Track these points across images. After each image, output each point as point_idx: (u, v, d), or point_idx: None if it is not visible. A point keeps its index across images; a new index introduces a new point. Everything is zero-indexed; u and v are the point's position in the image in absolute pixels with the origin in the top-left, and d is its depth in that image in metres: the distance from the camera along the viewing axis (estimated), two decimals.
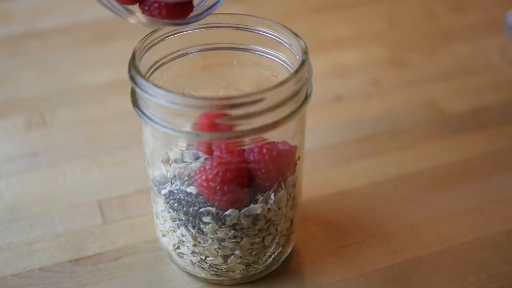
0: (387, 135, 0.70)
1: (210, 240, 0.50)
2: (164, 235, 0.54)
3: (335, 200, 0.62)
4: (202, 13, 0.49)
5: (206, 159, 0.50)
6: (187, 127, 0.46)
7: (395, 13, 0.91)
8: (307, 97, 0.49)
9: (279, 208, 0.51)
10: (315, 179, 0.64)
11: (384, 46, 0.84)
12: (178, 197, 0.50)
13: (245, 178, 0.49)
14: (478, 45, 0.84)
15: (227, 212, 0.49)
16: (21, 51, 0.84)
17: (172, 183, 0.51)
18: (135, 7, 0.47)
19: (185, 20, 0.48)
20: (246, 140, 0.47)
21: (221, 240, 0.50)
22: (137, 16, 0.46)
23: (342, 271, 0.55)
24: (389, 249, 0.57)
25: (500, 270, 0.55)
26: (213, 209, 0.49)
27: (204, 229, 0.50)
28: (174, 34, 0.52)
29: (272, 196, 0.50)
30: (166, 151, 0.51)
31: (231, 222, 0.49)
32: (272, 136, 0.48)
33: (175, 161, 0.51)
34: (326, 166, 0.66)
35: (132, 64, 0.48)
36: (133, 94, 0.49)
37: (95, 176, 0.65)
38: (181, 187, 0.50)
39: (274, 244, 0.53)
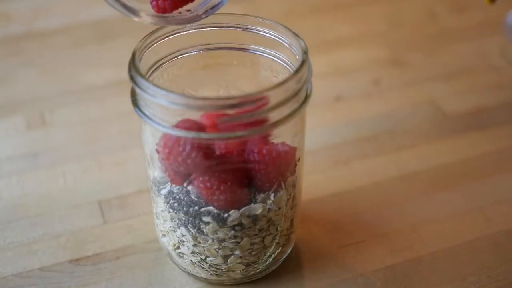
0: (387, 135, 0.70)
1: (210, 240, 0.50)
2: (164, 235, 0.54)
3: (335, 200, 0.62)
4: (205, 12, 0.49)
5: None
6: None
7: (395, 13, 0.91)
8: (307, 97, 0.49)
9: (279, 208, 0.51)
10: (315, 179, 0.64)
11: (384, 46, 0.84)
12: (178, 197, 0.50)
13: (244, 178, 0.49)
14: (478, 45, 0.84)
15: (228, 212, 0.49)
16: (21, 51, 0.84)
17: (172, 183, 0.51)
18: (140, 5, 0.47)
19: (188, 20, 0.48)
20: (246, 140, 0.47)
21: (221, 240, 0.50)
22: (141, 16, 0.47)
23: (342, 271, 0.55)
24: (389, 249, 0.57)
25: (500, 270, 0.55)
26: (214, 209, 0.49)
27: (204, 229, 0.50)
28: (174, 34, 0.52)
29: (272, 197, 0.50)
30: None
31: (231, 222, 0.49)
32: (272, 136, 0.48)
33: None
34: (326, 166, 0.66)
35: (132, 64, 0.48)
36: (133, 94, 0.49)
37: (95, 176, 0.65)
38: (180, 187, 0.50)
39: (274, 244, 0.53)
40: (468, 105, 0.74)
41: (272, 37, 0.52)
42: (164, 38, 0.51)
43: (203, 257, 0.52)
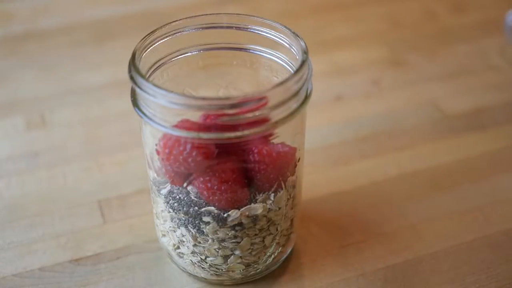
0: (387, 135, 0.70)
1: (210, 240, 0.50)
2: (164, 235, 0.54)
3: (335, 200, 0.62)
4: None
5: None
6: None
7: (395, 13, 0.91)
8: (307, 97, 0.49)
9: (279, 208, 0.51)
10: (315, 179, 0.64)
11: (384, 46, 0.84)
12: (178, 197, 0.50)
13: (244, 178, 0.49)
14: (478, 45, 0.84)
15: (228, 212, 0.49)
16: (21, 51, 0.84)
17: (171, 184, 0.51)
18: None
19: None
20: (246, 140, 0.47)
21: (221, 240, 0.50)
22: None
23: (342, 271, 0.55)
24: (389, 249, 0.57)
25: (500, 270, 0.55)
26: (214, 209, 0.49)
27: (204, 229, 0.50)
28: (174, 34, 0.52)
29: (272, 197, 0.50)
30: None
31: (231, 222, 0.49)
32: (272, 136, 0.48)
33: None
34: (326, 166, 0.66)
35: (132, 64, 0.48)
36: (133, 94, 0.49)
37: (95, 176, 0.65)
38: (180, 187, 0.50)
39: (274, 244, 0.53)
40: (468, 105, 0.74)
41: (272, 37, 0.52)
42: (164, 38, 0.51)
43: (203, 257, 0.52)
